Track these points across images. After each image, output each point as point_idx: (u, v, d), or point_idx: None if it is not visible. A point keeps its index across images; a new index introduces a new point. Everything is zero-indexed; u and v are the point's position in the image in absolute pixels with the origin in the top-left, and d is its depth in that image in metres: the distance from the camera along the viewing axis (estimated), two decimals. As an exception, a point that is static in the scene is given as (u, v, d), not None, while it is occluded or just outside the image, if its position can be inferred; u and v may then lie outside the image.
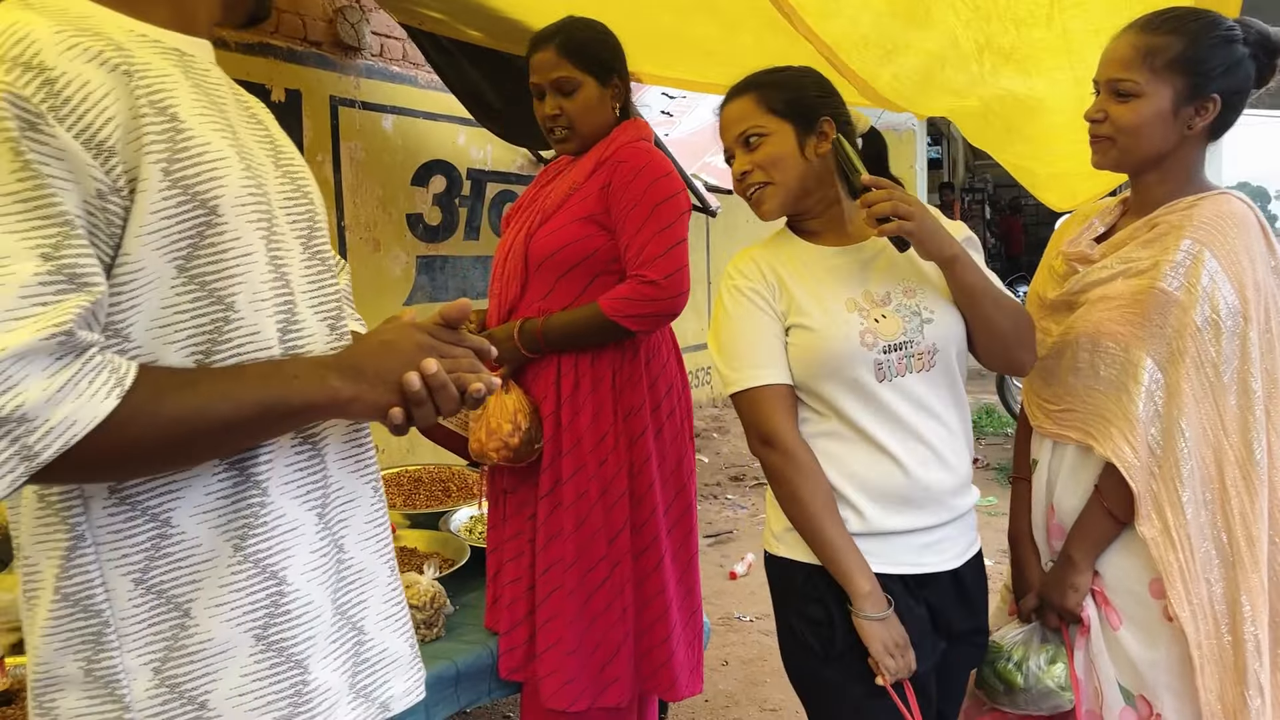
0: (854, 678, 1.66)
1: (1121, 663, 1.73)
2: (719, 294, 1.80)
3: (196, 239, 0.97)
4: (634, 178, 2.20)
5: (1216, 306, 1.63)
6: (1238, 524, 1.65)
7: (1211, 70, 1.64)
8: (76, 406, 0.84)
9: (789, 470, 1.67)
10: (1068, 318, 1.81)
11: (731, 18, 2.74)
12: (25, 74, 0.88)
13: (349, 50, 4.62)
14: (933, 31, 2.29)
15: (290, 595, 1.05)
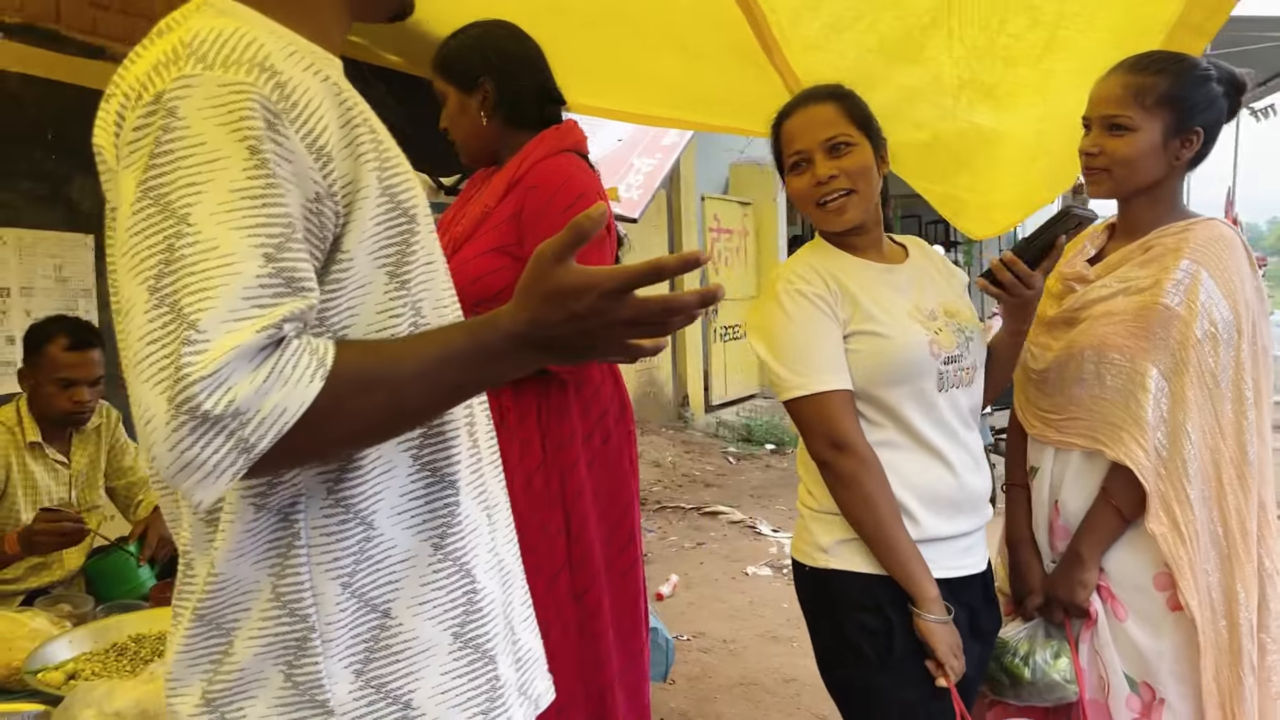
0: (909, 683, 1.72)
1: (1127, 652, 1.85)
2: (772, 297, 1.79)
3: (403, 246, 0.97)
4: (547, 205, 2.05)
5: (1214, 321, 1.78)
6: (1234, 519, 1.81)
7: (1194, 106, 1.81)
8: (284, 394, 0.82)
9: (863, 474, 1.70)
10: (1068, 333, 1.94)
11: (697, 49, 2.82)
12: (263, 75, 0.87)
13: (251, 71, 4.45)
14: (917, 68, 2.44)
15: (481, 592, 1.05)
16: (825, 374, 1.73)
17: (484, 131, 2.17)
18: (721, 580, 5.00)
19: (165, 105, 0.85)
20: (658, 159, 6.66)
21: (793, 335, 1.76)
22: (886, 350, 1.73)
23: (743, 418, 9.65)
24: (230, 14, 0.95)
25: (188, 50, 0.87)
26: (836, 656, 1.82)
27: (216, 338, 0.79)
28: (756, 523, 6.05)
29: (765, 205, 11.31)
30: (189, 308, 0.80)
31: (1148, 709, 1.84)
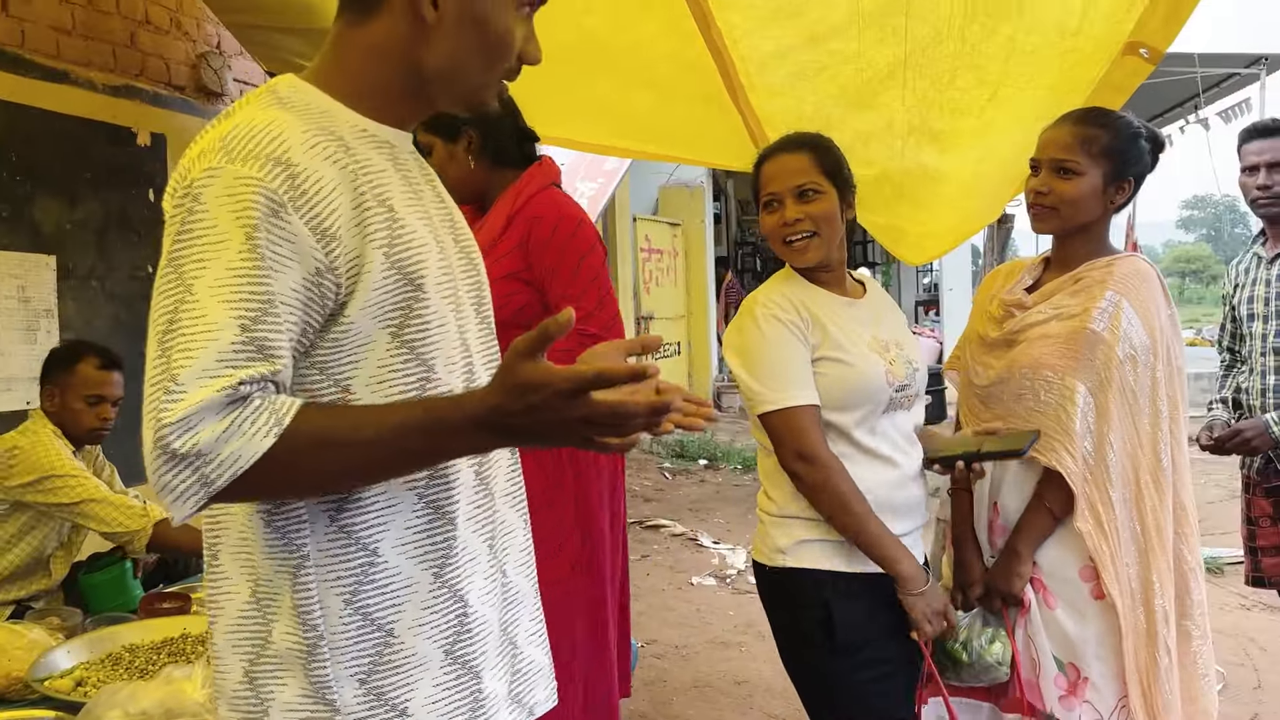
0: (860, 667, 1.96)
1: (1056, 636, 2.08)
2: (750, 320, 1.99)
3: (406, 311, 1.11)
4: (552, 234, 2.30)
5: (1134, 344, 2.03)
6: (1150, 519, 2.05)
7: (1130, 159, 2.08)
8: (241, 444, 0.97)
9: (833, 479, 1.91)
10: (1008, 353, 2.17)
11: (668, 89, 3.03)
12: (276, 168, 1.02)
13: (212, 95, 4.51)
14: (871, 113, 2.69)
15: (472, 616, 1.19)
16: (796, 390, 1.93)
17: (473, 174, 2.38)
18: (668, 590, 5.19)
19: (194, 191, 1.02)
20: (600, 183, 6.87)
21: (768, 354, 1.95)
22: (850, 376, 1.95)
23: (676, 435, 9.87)
24: (282, 103, 1.11)
25: (221, 144, 1.04)
26: (795, 647, 2.05)
27: (190, 390, 0.96)
28: (697, 535, 6.26)
29: (694, 226, 11.60)
30: (174, 363, 0.98)
31: (1073, 686, 2.07)
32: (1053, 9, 2.16)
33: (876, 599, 1.97)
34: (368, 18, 1.16)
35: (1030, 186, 2.12)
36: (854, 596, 1.95)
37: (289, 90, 1.14)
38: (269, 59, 4.09)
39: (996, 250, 12.18)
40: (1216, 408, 3.14)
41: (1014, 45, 2.32)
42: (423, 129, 2.37)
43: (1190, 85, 9.96)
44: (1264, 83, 10.47)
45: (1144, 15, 2.09)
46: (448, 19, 1.15)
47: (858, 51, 2.50)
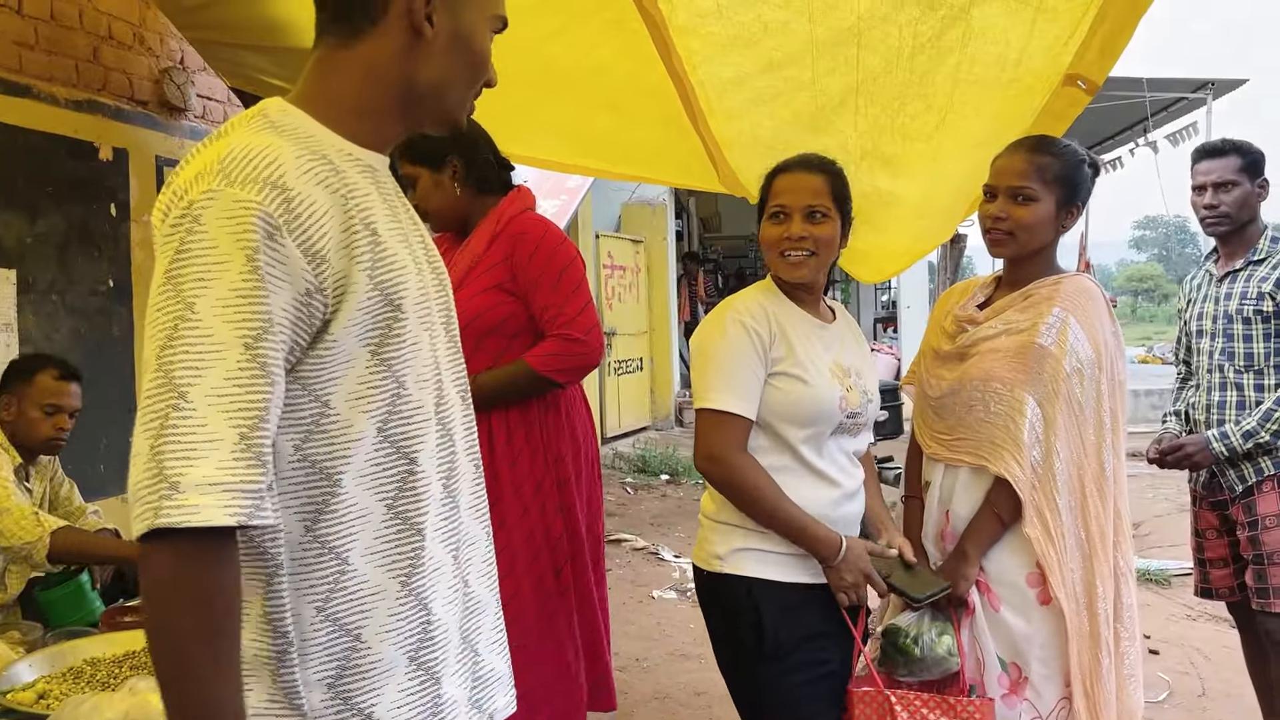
0: (789, 671, 2.03)
1: (1000, 637, 2.17)
2: (720, 320, 2.07)
3: (386, 330, 1.16)
4: (537, 248, 2.46)
5: (1080, 358, 2.12)
6: (1094, 525, 2.14)
7: (1079, 186, 2.19)
8: (211, 502, 0.99)
9: (738, 475, 1.99)
10: (960, 366, 2.27)
11: (630, 111, 3.10)
12: (272, 193, 1.07)
13: (174, 111, 4.52)
14: (826, 138, 2.77)
15: (435, 623, 1.23)
16: (733, 397, 2.00)
17: (458, 201, 2.52)
18: (629, 604, 5.23)
19: (193, 213, 1.05)
20: (562, 200, 6.94)
21: (720, 355, 2.03)
22: (806, 395, 2.03)
23: (638, 449, 9.92)
24: (274, 127, 1.15)
25: (219, 166, 1.08)
26: (728, 650, 2.12)
27: (200, 408, 1.00)
28: (658, 549, 6.31)
29: (656, 243, 11.68)
30: (180, 380, 1.01)
31: (1015, 685, 2.15)
32: (995, 43, 2.26)
33: (809, 607, 2.05)
34: (358, 38, 1.20)
35: (987, 213, 2.21)
36: (786, 604, 2.03)
37: (279, 114, 1.17)
38: (233, 75, 4.11)
39: (950, 269, 12.41)
40: (1169, 420, 3.22)
41: (960, 75, 2.42)
42: (408, 160, 2.50)
43: (1139, 109, 10.24)
44: (1210, 107, 10.78)
45: (1080, 49, 2.19)
46: (442, 37, 1.21)
47: (812, 79, 2.59)
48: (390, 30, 1.19)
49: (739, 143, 3.06)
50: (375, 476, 1.17)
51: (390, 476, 1.18)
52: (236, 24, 3.51)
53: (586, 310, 2.48)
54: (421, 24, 1.19)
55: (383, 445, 1.18)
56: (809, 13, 2.28)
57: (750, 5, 2.28)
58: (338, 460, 1.14)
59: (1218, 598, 3.15)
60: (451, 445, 1.28)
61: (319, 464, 1.13)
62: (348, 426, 1.14)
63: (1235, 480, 2.90)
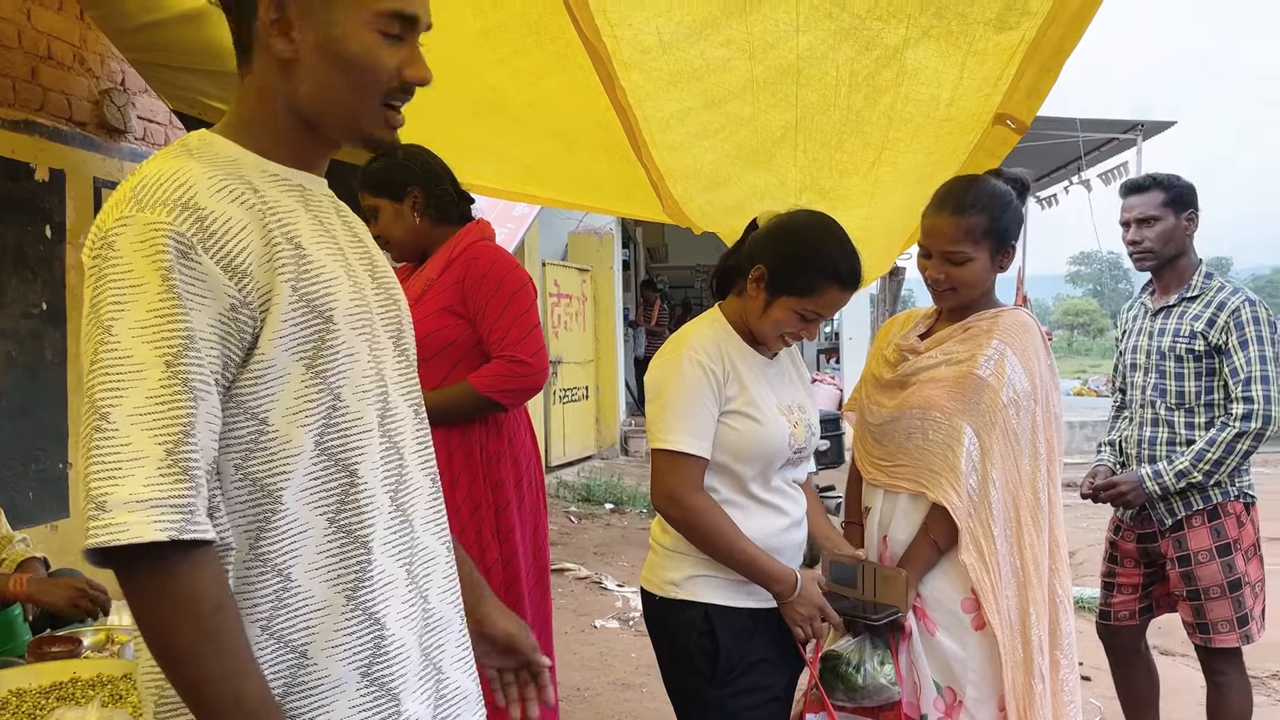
0: (736, 694, 2.08)
1: (936, 661, 2.21)
2: (677, 358, 2.07)
3: (319, 342, 1.17)
4: (488, 271, 2.52)
5: (1016, 390, 2.18)
6: (1028, 553, 2.19)
7: (1009, 230, 2.25)
8: (139, 518, 1.00)
9: (696, 517, 2.02)
10: (900, 394, 2.32)
11: (576, 141, 3.14)
12: (183, 213, 1.09)
13: (114, 132, 4.46)
14: (766, 172, 2.83)
15: (389, 638, 1.22)
16: (690, 438, 2.03)
17: (419, 230, 2.59)
18: (571, 633, 5.21)
19: (107, 239, 1.08)
20: (509, 228, 6.95)
21: (678, 396, 2.05)
22: (758, 434, 2.06)
23: (583, 478, 9.90)
24: (190, 153, 1.17)
25: (131, 194, 1.10)
26: (677, 673, 2.15)
27: (123, 428, 1.02)
28: (602, 578, 6.30)
29: (602, 272, 11.74)
30: (101, 402, 1.03)
31: (950, 708, 2.20)
32: (928, 84, 2.34)
33: (761, 631, 2.08)
34: (249, 64, 1.23)
35: (927, 270, 2.28)
36: (741, 629, 2.06)
37: (198, 143, 1.20)
38: (175, 98, 4.07)
39: (889, 301, 12.64)
40: (1104, 450, 3.27)
41: (894, 114, 2.49)
42: (369, 193, 2.58)
43: (1074, 148, 10.55)
44: (1140, 147, 11.15)
45: (1009, 91, 2.27)
46: (305, 52, 1.19)
47: (753, 115, 2.65)
48: (262, 53, 1.21)
49: (682, 175, 3.11)
50: (314, 490, 1.17)
51: (330, 490, 1.18)
52: (180, 46, 3.48)
53: (533, 334, 2.51)
54: (275, 45, 1.19)
55: (320, 458, 1.17)
56: (749, 51, 2.33)
57: (693, 42, 2.33)
58: (278, 477, 1.14)
59: (1114, 622, 3.20)
60: (399, 458, 1.28)
61: (260, 482, 1.14)
62: (286, 442, 1.15)
63: (1165, 513, 2.94)
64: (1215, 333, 2.87)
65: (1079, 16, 1.97)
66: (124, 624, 2.80)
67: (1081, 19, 1.98)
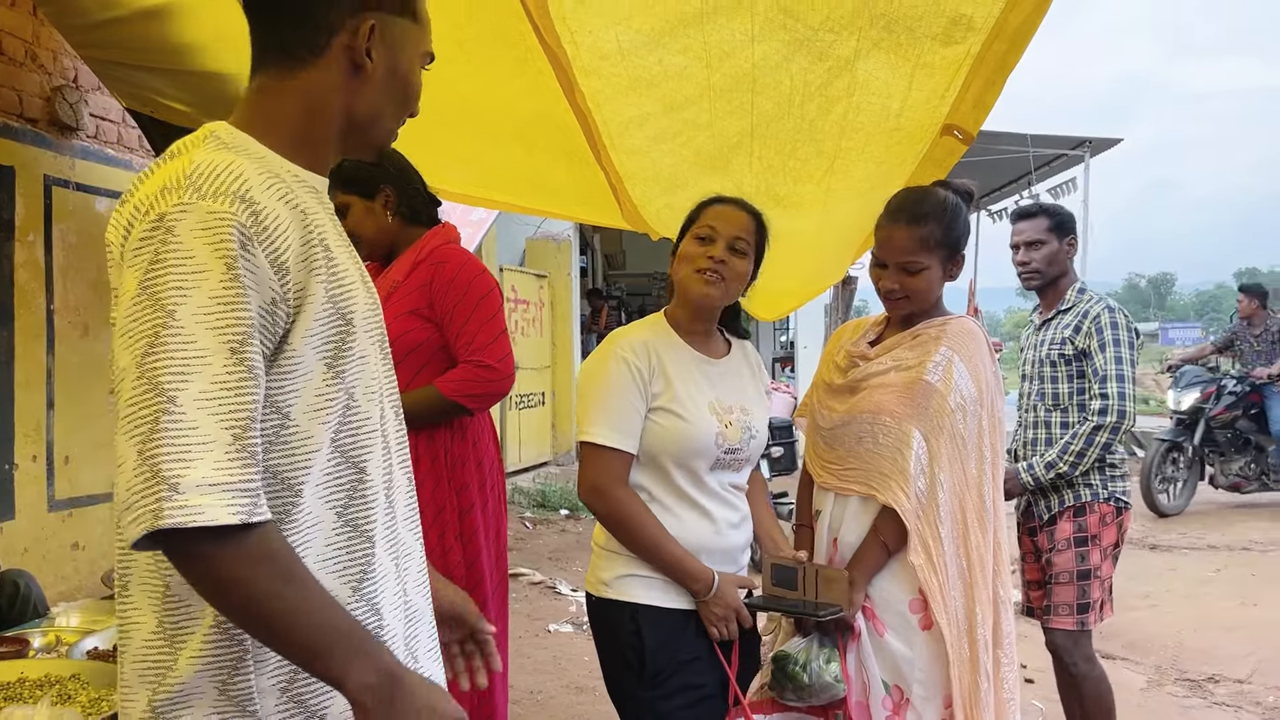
0: (667, 695, 2.11)
1: (884, 661, 2.25)
2: (605, 356, 2.14)
3: (340, 343, 1.23)
4: (456, 275, 2.53)
5: (963, 395, 2.23)
6: (974, 554, 2.24)
7: (959, 239, 2.31)
8: (211, 502, 1.02)
9: (621, 509, 2.08)
10: (851, 399, 2.36)
11: (536, 144, 3.17)
12: (243, 205, 1.13)
13: (66, 130, 4.41)
14: (722, 176, 2.88)
15: (386, 629, 1.28)
16: (614, 432, 2.08)
17: (389, 228, 2.60)
18: (525, 637, 5.21)
19: (166, 225, 1.09)
20: (467, 232, 6.94)
21: (603, 391, 2.11)
22: (682, 431, 2.11)
23: (538, 484, 9.89)
24: (229, 146, 1.20)
25: (187, 180, 1.12)
26: (613, 673, 2.19)
27: (190, 412, 1.03)
28: (556, 583, 6.30)
29: (560, 278, 11.74)
30: (168, 386, 1.04)
31: (897, 707, 2.24)
32: (878, 94, 2.40)
33: (688, 631, 2.11)
34: (299, 69, 1.26)
35: (881, 280, 2.33)
36: (667, 629, 2.09)
37: (229, 136, 1.23)
38: (129, 96, 4.03)
39: (842, 309, 12.78)
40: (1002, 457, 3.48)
41: (846, 123, 2.56)
42: (341, 190, 2.56)
43: (1024, 163, 10.77)
44: (1088, 163, 11.41)
45: (955, 102, 2.34)
46: (379, 71, 1.28)
47: (710, 121, 2.70)
48: (331, 64, 1.26)
49: (641, 178, 3.15)
50: (327, 485, 1.21)
51: (340, 485, 1.22)
52: (136, 44, 3.45)
53: (500, 339, 2.52)
54: (362, 59, 1.26)
55: (334, 455, 1.22)
56: (706, 59, 2.38)
57: (651, 49, 2.38)
58: (299, 471, 1.17)
59: (1035, 617, 3.36)
60: (389, 457, 1.32)
61: (281, 475, 1.16)
62: (307, 438, 1.18)
63: (1043, 509, 3.17)
64: (1081, 338, 3.15)
65: (1021, 32, 2.05)
66: (72, 625, 2.78)
67: (1023, 35, 2.05)
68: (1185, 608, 5.78)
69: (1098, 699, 3.16)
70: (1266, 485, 8.53)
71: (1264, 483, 8.51)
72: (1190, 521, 8.33)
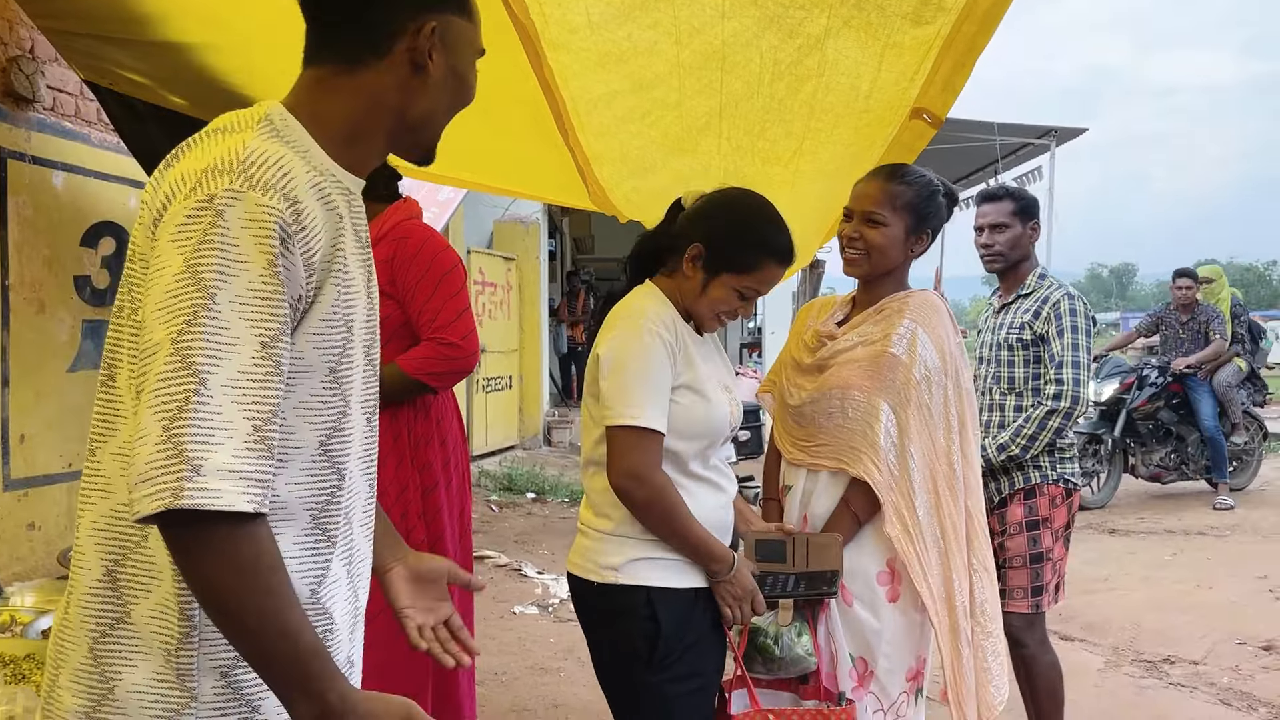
0: (673, 679, 2.07)
1: (852, 632, 2.27)
2: (637, 330, 1.98)
3: (342, 349, 1.23)
4: (418, 251, 2.51)
5: (928, 366, 2.27)
6: (948, 523, 2.27)
7: (927, 215, 2.35)
8: (231, 487, 1.03)
9: (660, 496, 1.98)
10: (819, 377, 2.38)
11: (503, 122, 3.12)
12: (287, 203, 1.13)
13: (22, 101, 4.31)
14: (690, 158, 2.87)
15: (335, 631, 1.28)
16: (652, 413, 1.96)
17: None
18: (490, 619, 5.20)
19: (215, 207, 1.09)
20: (434, 213, 6.88)
21: (642, 370, 1.97)
22: (704, 412, 2.05)
23: (505, 467, 9.86)
24: (281, 135, 1.20)
25: (240, 166, 1.12)
26: (615, 660, 2.13)
27: (215, 397, 1.04)
28: (521, 566, 6.30)
29: (528, 261, 11.69)
30: (201, 366, 1.04)
31: (861, 679, 2.27)
32: (848, 74, 2.40)
33: (697, 610, 2.08)
34: (360, 66, 1.26)
35: (844, 232, 2.36)
36: (682, 609, 2.05)
37: (283, 123, 1.22)
38: (86, 68, 3.94)
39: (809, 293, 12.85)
40: None
41: (815, 103, 2.55)
42: None
43: (990, 152, 10.86)
44: (1053, 152, 11.53)
45: (924, 84, 2.35)
46: (439, 72, 1.28)
47: (679, 100, 2.68)
48: (395, 64, 1.26)
49: (608, 159, 3.12)
50: (309, 486, 1.21)
51: (323, 489, 1.23)
52: (94, 14, 3.37)
53: (464, 316, 2.50)
54: (424, 60, 1.26)
55: (321, 458, 1.22)
56: (676, 35, 2.36)
57: (620, 23, 2.35)
58: (276, 465, 1.15)
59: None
60: (360, 463, 1.33)
61: None
62: (290, 433, 1.18)
63: (994, 492, 3.18)
64: (1039, 323, 3.17)
65: (990, 14, 2.05)
66: (27, 605, 2.74)
67: (993, 16, 2.06)
68: (1143, 590, 5.87)
69: (1049, 684, 3.20)
70: (1185, 475, 8.61)
71: (1183, 472, 8.59)
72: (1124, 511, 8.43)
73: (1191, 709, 4.12)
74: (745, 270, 2.04)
